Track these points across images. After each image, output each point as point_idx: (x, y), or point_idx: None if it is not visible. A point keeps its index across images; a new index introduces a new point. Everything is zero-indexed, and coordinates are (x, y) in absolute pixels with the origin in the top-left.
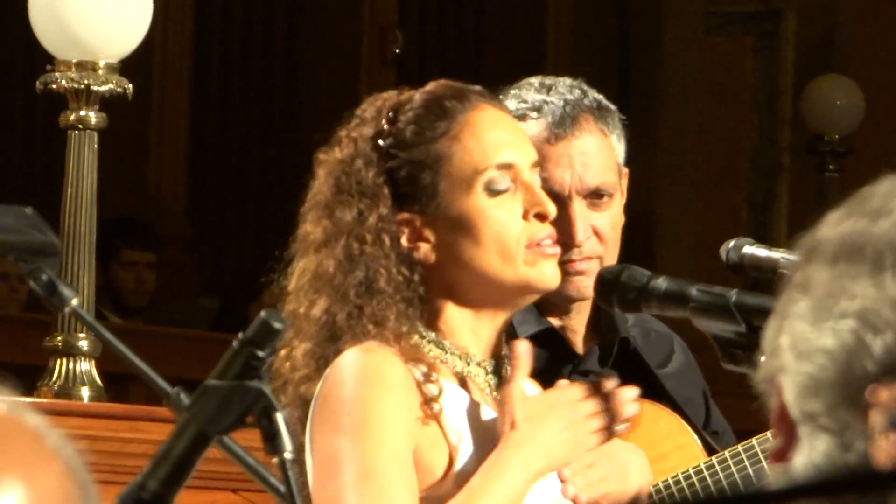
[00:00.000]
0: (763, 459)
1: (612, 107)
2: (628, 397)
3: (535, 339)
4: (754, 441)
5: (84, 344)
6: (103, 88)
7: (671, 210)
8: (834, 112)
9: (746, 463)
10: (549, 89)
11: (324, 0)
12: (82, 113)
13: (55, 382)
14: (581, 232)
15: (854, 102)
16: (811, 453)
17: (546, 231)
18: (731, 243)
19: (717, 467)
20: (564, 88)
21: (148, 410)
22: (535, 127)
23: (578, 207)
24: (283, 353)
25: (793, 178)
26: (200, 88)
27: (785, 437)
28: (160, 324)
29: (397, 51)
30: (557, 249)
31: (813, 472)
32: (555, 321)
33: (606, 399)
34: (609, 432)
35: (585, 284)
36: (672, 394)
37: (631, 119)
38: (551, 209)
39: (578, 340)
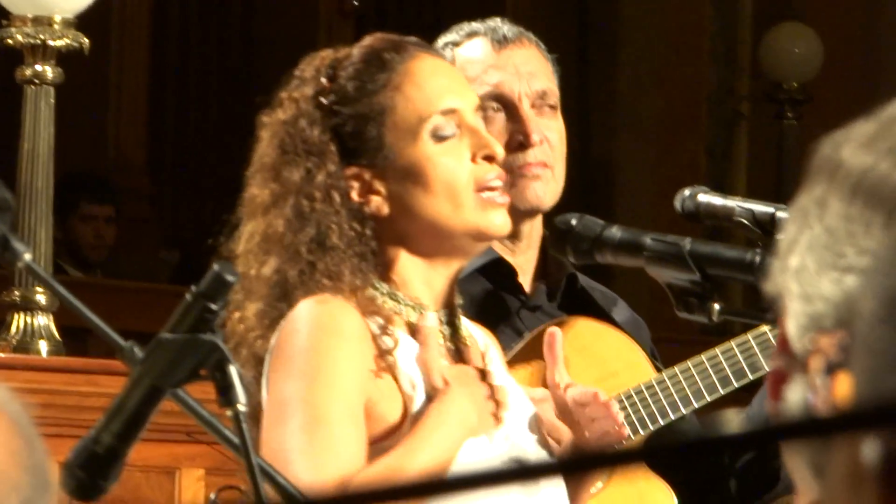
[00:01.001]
0: (712, 374)
1: None
2: (505, 393)
3: (483, 270)
4: (703, 357)
5: (42, 298)
6: (59, 43)
7: (630, 160)
8: (792, 60)
9: (697, 378)
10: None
11: None
12: (38, 68)
13: (13, 337)
14: (535, 131)
15: (812, 50)
16: (803, 392)
17: (495, 171)
18: (686, 192)
19: (668, 382)
20: (494, 22)
21: (106, 364)
22: (479, 44)
23: (528, 110)
24: (235, 315)
25: (751, 126)
26: (159, 42)
27: (785, 362)
28: (120, 277)
29: (356, 3)
30: (507, 199)
31: (803, 411)
32: (506, 255)
33: (494, 388)
34: (496, 417)
35: (541, 192)
36: (621, 327)
37: (590, 69)
38: (499, 150)
39: (527, 280)
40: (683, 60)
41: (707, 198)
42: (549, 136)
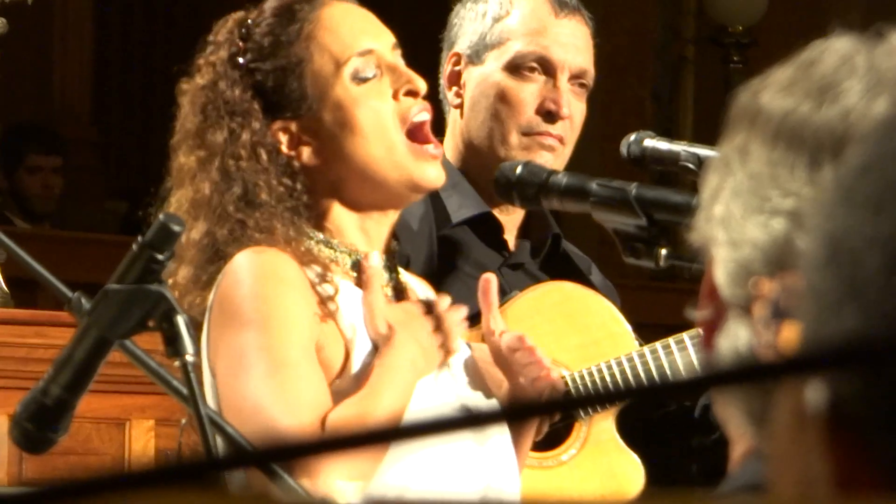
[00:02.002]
0: (693, 352)
1: None
2: (457, 318)
3: (470, 222)
4: (685, 335)
5: None
6: None
7: None
8: (737, 3)
9: (676, 355)
10: None
11: None
12: None
13: None
14: (566, 105)
15: None
16: (735, 339)
17: (419, 105)
18: (632, 137)
19: (648, 356)
20: None
21: (53, 316)
22: (536, 2)
23: (566, 84)
24: (168, 281)
25: (697, 70)
26: None
27: (714, 310)
28: (68, 228)
29: None
30: (440, 151)
31: (734, 358)
32: (496, 211)
33: (439, 319)
34: (446, 350)
35: (551, 161)
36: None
37: None
38: (421, 85)
39: (511, 238)
40: (629, 4)
41: (653, 143)
42: (574, 113)
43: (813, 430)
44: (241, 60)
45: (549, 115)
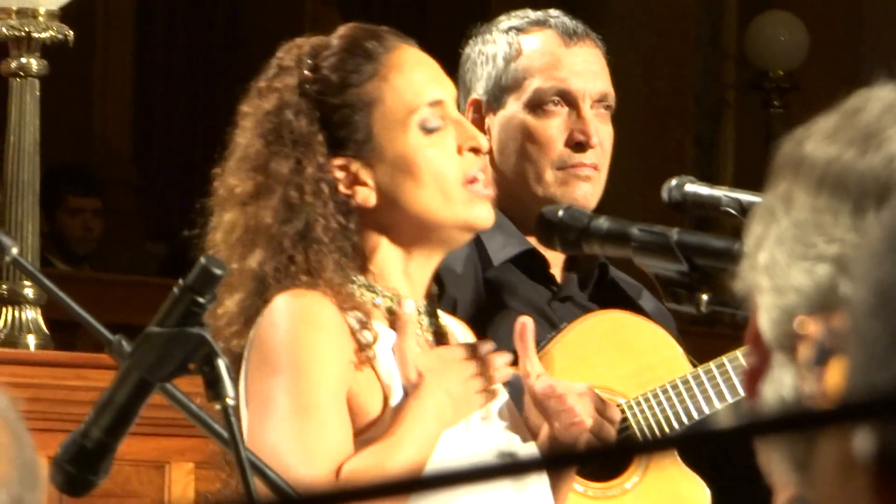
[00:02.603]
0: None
1: None
2: (500, 363)
3: (515, 261)
4: (738, 352)
5: (30, 292)
6: (44, 35)
7: (617, 149)
8: (778, 48)
9: (732, 373)
10: (539, 11)
11: None
12: (23, 60)
13: (1, 331)
14: (595, 133)
15: (797, 38)
16: (780, 386)
17: (479, 163)
18: (673, 182)
19: (703, 377)
20: (557, 12)
21: (94, 358)
22: (549, 35)
23: (589, 111)
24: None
25: (738, 114)
26: (144, 33)
27: (759, 357)
28: (108, 270)
29: None
30: (491, 191)
31: (779, 405)
32: (538, 245)
33: (483, 362)
34: (488, 394)
35: (589, 192)
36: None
37: None
38: (483, 142)
39: (557, 271)
40: (669, 49)
41: (694, 187)
42: (603, 139)
43: (860, 477)
44: (308, 90)
45: (580, 146)
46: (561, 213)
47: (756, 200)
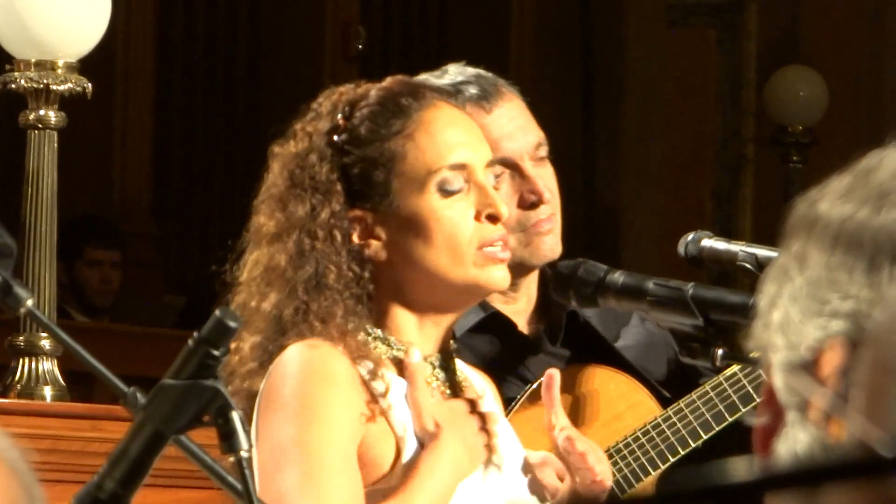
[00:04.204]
0: (719, 404)
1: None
2: (498, 420)
3: (481, 326)
4: (707, 387)
5: (46, 343)
6: (62, 88)
7: (636, 203)
8: (797, 103)
9: (703, 409)
10: (444, 74)
11: None
12: (42, 112)
13: (18, 382)
14: (544, 189)
15: (817, 93)
16: (794, 443)
17: (498, 233)
18: (690, 236)
19: (674, 418)
20: (457, 69)
21: (110, 409)
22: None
23: (531, 167)
24: (232, 345)
25: (757, 169)
26: (163, 87)
27: (772, 417)
28: (126, 322)
29: (360, 47)
30: (508, 254)
31: (793, 462)
32: (500, 305)
33: (483, 418)
34: (489, 448)
35: (554, 243)
36: (629, 359)
37: (595, 113)
38: (504, 210)
39: (524, 321)
40: (688, 104)
41: (710, 242)
42: (550, 185)
43: None
44: (336, 139)
45: (532, 205)
46: (576, 267)
47: (772, 255)
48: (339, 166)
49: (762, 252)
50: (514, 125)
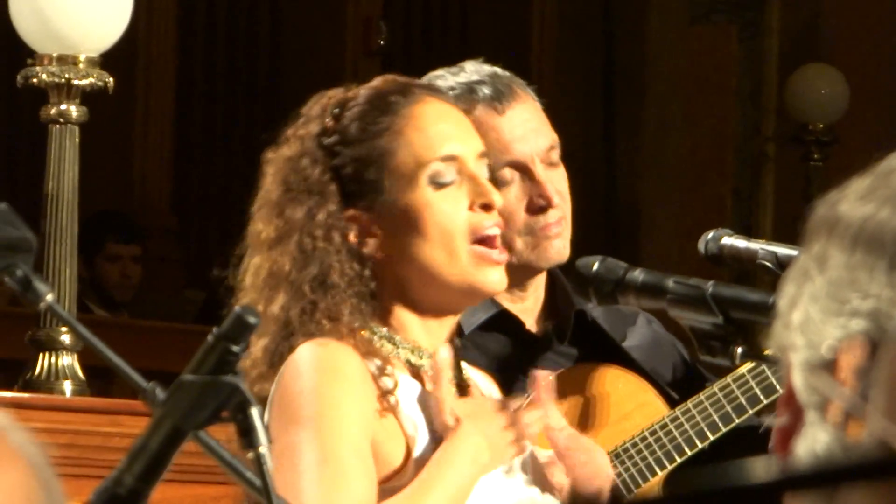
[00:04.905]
0: (727, 405)
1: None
2: (531, 418)
3: (489, 324)
4: (716, 388)
5: (66, 338)
6: (84, 82)
7: (656, 200)
8: (818, 101)
9: (710, 410)
10: (460, 72)
11: None
12: (63, 107)
13: (38, 376)
14: (554, 194)
15: (838, 91)
16: (814, 443)
17: (492, 220)
18: (710, 234)
19: (682, 418)
20: (474, 67)
21: (129, 404)
22: (476, 112)
23: (542, 170)
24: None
25: (778, 167)
26: (185, 81)
27: (791, 416)
28: (146, 317)
29: (382, 42)
30: (505, 256)
31: (813, 462)
32: (508, 303)
33: (513, 417)
34: (520, 446)
35: (562, 246)
36: (636, 359)
37: (616, 110)
38: (497, 199)
39: (532, 320)
40: (709, 101)
41: (730, 240)
42: (561, 189)
43: None
44: (326, 140)
45: (542, 209)
46: (596, 265)
47: (793, 254)
48: (332, 168)
49: (782, 250)
50: (527, 128)
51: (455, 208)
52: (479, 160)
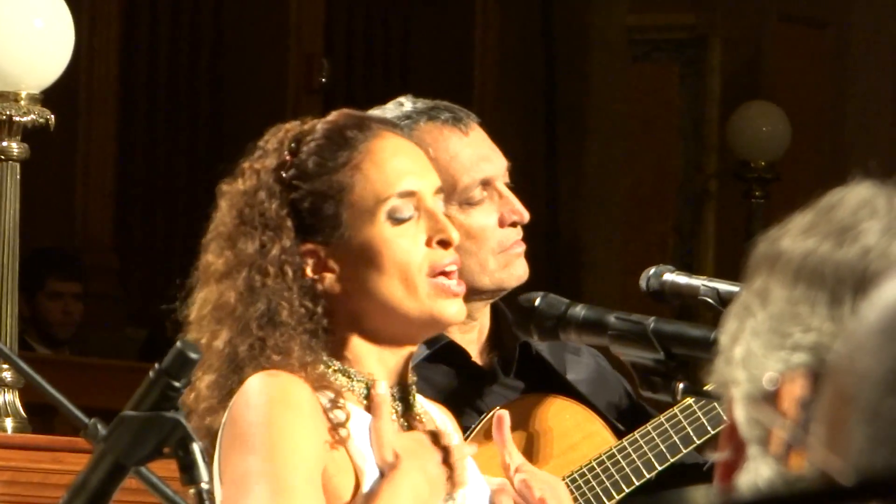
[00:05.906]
0: (673, 436)
1: None
2: (463, 454)
3: (435, 356)
4: (662, 419)
5: (7, 375)
6: (25, 119)
7: (598, 238)
8: (760, 139)
9: (658, 441)
10: (399, 106)
11: (250, 28)
12: (4, 144)
13: None
14: (521, 208)
15: (779, 129)
16: (756, 477)
17: (450, 257)
18: (651, 271)
19: (629, 448)
20: (410, 101)
21: (70, 441)
22: (443, 134)
23: (507, 189)
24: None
25: (719, 204)
26: (126, 118)
27: (733, 451)
28: (87, 354)
29: (323, 79)
30: (462, 288)
31: (755, 492)
32: (455, 334)
33: (447, 451)
34: (452, 482)
35: (525, 266)
36: (582, 392)
37: (558, 147)
38: (454, 235)
39: (476, 351)
40: (652, 139)
41: (672, 276)
42: (518, 207)
43: None
44: (284, 175)
45: (513, 224)
46: (538, 301)
47: (734, 290)
48: (289, 202)
49: (724, 286)
50: (490, 147)
51: (413, 244)
52: (437, 195)
